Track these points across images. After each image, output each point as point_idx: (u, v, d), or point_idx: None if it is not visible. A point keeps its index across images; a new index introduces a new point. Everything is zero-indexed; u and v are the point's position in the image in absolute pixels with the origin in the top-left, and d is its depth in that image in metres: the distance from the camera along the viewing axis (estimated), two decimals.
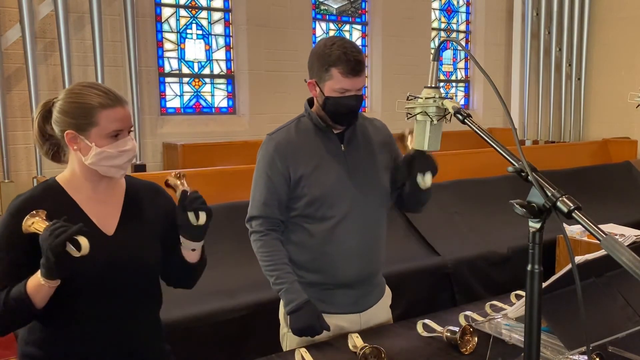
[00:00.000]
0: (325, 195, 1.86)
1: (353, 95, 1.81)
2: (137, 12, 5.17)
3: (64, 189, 1.53)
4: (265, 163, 1.90)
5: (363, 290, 1.97)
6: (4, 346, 3.27)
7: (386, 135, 2.02)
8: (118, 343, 1.55)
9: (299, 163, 1.86)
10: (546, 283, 1.43)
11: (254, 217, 1.92)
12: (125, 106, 1.50)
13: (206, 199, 1.55)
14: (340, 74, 1.77)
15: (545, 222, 1.02)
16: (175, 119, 5.72)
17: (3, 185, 4.67)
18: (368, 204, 1.91)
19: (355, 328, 1.95)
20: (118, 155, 1.47)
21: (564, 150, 6.32)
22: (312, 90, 1.87)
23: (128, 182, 1.64)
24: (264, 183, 1.89)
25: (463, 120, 1.32)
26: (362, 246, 1.92)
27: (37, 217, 1.39)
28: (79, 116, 1.45)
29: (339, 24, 6.80)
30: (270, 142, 1.90)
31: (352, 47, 1.79)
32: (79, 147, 1.48)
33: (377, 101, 6.95)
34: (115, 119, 1.46)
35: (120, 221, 1.56)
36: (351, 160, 1.91)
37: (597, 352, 1.56)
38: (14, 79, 4.80)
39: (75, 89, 1.50)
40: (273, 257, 1.88)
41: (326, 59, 1.78)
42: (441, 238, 4.01)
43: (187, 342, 2.74)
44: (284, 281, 1.85)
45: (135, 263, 1.54)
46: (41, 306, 1.41)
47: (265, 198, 1.88)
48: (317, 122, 1.89)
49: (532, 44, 7.52)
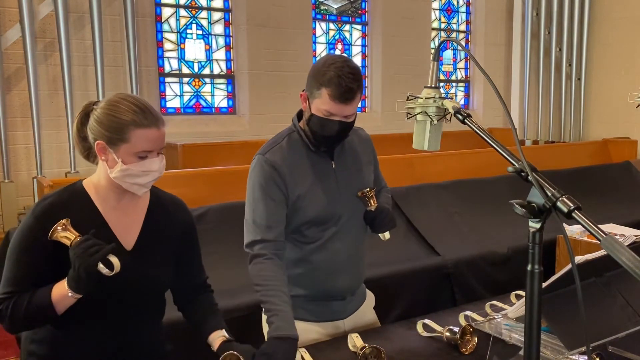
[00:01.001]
0: (318, 216, 1.84)
1: (337, 120, 1.74)
2: (137, 12, 5.17)
3: (89, 196, 1.53)
4: (263, 183, 1.79)
5: (347, 300, 1.98)
6: (4, 346, 3.28)
7: (370, 147, 2.01)
8: (122, 345, 1.57)
9: (296, 183, 1.82)
10: (546, 283, 1.43)
11: (257, 240, 1.78)
12: (160, 127, 1.49)
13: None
14: (329, 96, 1.70)
15: (545, 222, 1.02)
16: (175, 119, 5.72)
17: (3, 185, 4.67)
18: (356, 220, 1.92)
19: (340, 333, 1.96)
20: (142, 174, 1.47)
21: (564, 150, 6.32)
22: (303, 103, 1.83)
23: (153, 194, 1.63)
24: (264, 204, 1.78)
25: (463, 120, 1.32)
26: (350, 261, 1.93)
27: (68, 231, 1.40)
28: (112, 130, 1.44)
29: (339, 24, 6.80)
30: (265, 162, 1.80)
31: (349, 72, 1.69)
32: (106, 159, 1.48)
33: (377, 101, 6.95)
34: (148, 139, 1.46)
35: (139, 237, 1.57)
36: (341, 178, 1.89)
37: (597, 352, 1.56)
38: (14, 79, 4.80)
39: (114, 100, 1.48)
40: (275, 283, 1.73)
41: (320, 77, 1.71)
42: (441, 238, 4.00)
43: (187, 342, 2.74)
44: (280, 308, 1.68)
45: (148, 280, 1.57)
46: (61, 313, 1.44)
47: (268, 220, 1.78)
48: (307, 137, 1.84)
49: (532, 44, 7.52)
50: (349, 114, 1.75)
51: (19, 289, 1.44)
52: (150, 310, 1.65)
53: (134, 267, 1.51)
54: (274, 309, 1.68)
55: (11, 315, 1.43)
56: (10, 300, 1.44)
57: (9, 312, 1.43)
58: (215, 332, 1.64)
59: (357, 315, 2.03)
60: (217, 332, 1.64)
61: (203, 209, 3.38)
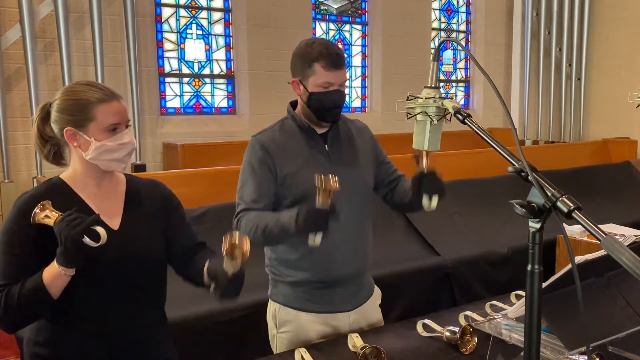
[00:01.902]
0: (310, 194, 1.85)
1: (336, 89, 1.87)
2: (137, 12, 5.17)
3: (68, 185, 1.56)
4: (253, 161, 1.90)
5: (351, 289, 1.99)
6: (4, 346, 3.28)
7: (368, 134, 2.08)
8: (127, 338, 1.57)
9: (284, 162, 1.88)
10: (546, 283, 1.43)
11: (241, 210, 1.89)
12: (120, 100, 1.53)
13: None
14: (322, 68, 1.84)
15: (545, 222, 1.02)
16: (175, 119, 5.72)
17: (3, 185, 4.67)
18: (352, 201, 1.92)
19: (345, 327, 1.97)
20: (117, 148, 1.50)
21: (564, 150, 6.32)
22: (296, 89, 1.92)
23: (128, 180, 1.67)
24: (252, 180, 1.89)
25: (463, 120, 1.32)
26: (348, 243, 1.93)
27: (47, 210, 1.41)
28: (77, 112, 1.48)
29: (339, 24, 6.80)
30: (256, 142, 1.92)
31: (331, 43, 1.89)
32: (78, 144, 1.51)
33: (377, 101, 6.95)
34: (112, 112, 1.50)
35: (123, 216, 1.59)
36: (335, 160, 1.93)
37: (597, 352, 1.56)
38: (14, 79, 4.80)
39: (70, 87, 1.54)
40: (263, 214, 1.82)
41: (308, 56, 1.85)
42: (441, 238, 4.01)
43: (187, 342, 2.74)
44: (278, 215, 1.77)
45: (141, 256, 1.57)
46: (56, 297, 1.43)
47: (255, 194, 1.87)
48: (300, 122, 1.93)
49: (532, 44, 7.52)
50: (343, 81, 1.89)
51: (10, 282, 1.44)
52: (150, 293, 1.63)
53: (124, 245, 1.52)
54: (273, 223, 1.75)
55: (5, 307, 1.42)
56: (2, 293, 1.43)
57: (3, 304, 1.42)
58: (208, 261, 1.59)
59: (364, 309, 2.03)
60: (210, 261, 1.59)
61: (203, 209, 3.38)
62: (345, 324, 1.98)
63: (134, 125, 5.07)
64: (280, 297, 1.98)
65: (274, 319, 1.98)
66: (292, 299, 1.95)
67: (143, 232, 1.60)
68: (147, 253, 1.59)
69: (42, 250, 1.44)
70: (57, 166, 1.63)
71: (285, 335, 1.96)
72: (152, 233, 1.62)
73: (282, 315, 1.97)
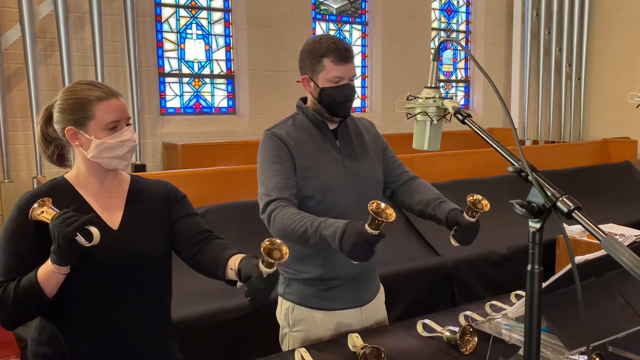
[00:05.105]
0: (325, 189, 1.87)
1: (347, 83, 1.87)
2: (137, 12, 5.17)
3: (71, 184, 1.57)
4: (272, 152, 1.86)
5: (362, 284, 2.00)
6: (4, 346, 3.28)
7: (375, 131, 2.10)
8: (129, 337, 1.56)
9: (300, 156, 1.88)
10: (546, 283, 1.43)
11: (271, 200, 1.78)
12: (119, 98, 1.54)
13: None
14: (332, 62, 1.84)
15: (545, 222, 1.02)
16: (175, 119, 5.72)
17: (3, 185, 4.67)
18: (365, 196, 1.90)
19: (357, 324, 1.97)
20: (118, 145, 1.51)
21: (564, 150, 6.32)
22: (306, 87, 1.92)
23: (132, 179, 1.67)
24: (275, 171, 1.82)
25: (463, 120, 1.32)
26: None
27: (46, 206, 1.42)
28: (76, 111, 1.50)
29: (339, 24, 6.80)
30: (271, 135, 1.90)
31: (339, 38, 1.90)
32: (80, 143, 1.52)
33: (377, 101, 6.95)
34: (111, 110, 1.51)
35: (124, 215, 1.59)
36: (347, 154, 1.94)
37: (597, 352, 1.56)
38: (14, 79, 4.81)
39: (70, 87, 1.55)
40: (301, 214, 1.71)
41: (317, 52, 1.85)
42: (441, 238, 3.98)
43: (187, 342, 2.74)
44: (318, 223, 1.65)
45: (139, 256, 1.56)
46: (51, 295, 1.43)
47: (280, 183, 1.80)
48: (312, 117, 1.93)
49: (532, 44, 7.52)
50: (352, 74, 1.90)
51: (8, 278, 1.45)
52: (152, 292, 1.61)
53: (123, 245, 1.53)
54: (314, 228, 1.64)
55: (2, 303, 1.42)
56: (0, 290, 1.43)
57: (0, 301, 1.42)
58: (234, 257, 1.51)
59: (374, 305, 2.04)
60: (236, 256, 1.51)
61: (203, 209, 3.38)
62: (358, 321, 1.98)
63: (134, 125, 5.08)
64: (293, 296, 1.96)
65: (287, 317, 1.97)
66: (307, 297, 1.94)
67: (144, 230, 1.60)
68: (148, 251, 1.59)
69: (42, 248, 1.44)
70: (60, 168, 1.64)
71: (298, 334, 1.95)
72: (153, 231, 1.62)
73: (296, 314, 1.95)
